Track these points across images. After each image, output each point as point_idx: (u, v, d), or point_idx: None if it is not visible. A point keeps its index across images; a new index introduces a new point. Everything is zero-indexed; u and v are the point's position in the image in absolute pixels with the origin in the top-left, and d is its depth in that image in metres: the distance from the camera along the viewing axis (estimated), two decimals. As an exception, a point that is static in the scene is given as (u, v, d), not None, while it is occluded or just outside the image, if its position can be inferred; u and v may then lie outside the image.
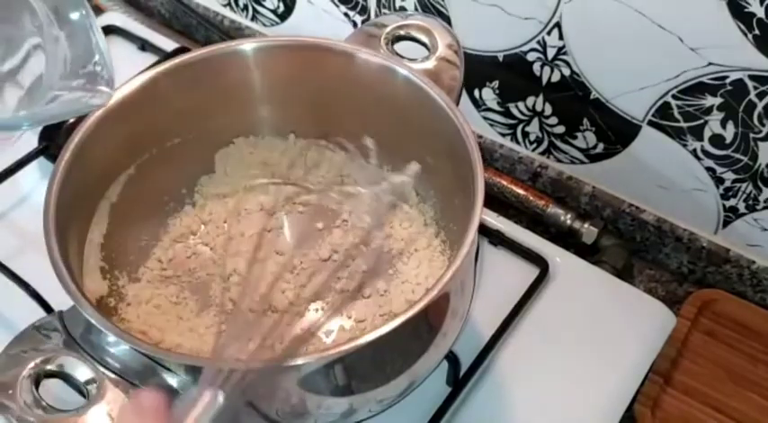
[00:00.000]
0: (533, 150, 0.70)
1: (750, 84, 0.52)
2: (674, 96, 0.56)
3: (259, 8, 0.81)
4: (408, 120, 0.51)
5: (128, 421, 0.33)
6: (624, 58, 0.57)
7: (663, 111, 0.58)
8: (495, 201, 0.69)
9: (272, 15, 0.81)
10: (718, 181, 0.59)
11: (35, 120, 0.41)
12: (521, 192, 0.68)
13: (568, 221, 0.66)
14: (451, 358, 0.51)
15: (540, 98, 0.65)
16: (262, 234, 0.57)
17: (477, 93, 0.69)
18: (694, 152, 0.59)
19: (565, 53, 0.60)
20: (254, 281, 0.53)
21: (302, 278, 0.54)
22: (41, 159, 0.65)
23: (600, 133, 0.64)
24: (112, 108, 0.47)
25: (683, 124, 0.58)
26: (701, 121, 0.56)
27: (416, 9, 0.67)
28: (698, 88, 0.55)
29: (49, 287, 0.48)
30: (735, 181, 0.58)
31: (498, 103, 0.68)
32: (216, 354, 0.38)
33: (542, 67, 0.62)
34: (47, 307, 0.53)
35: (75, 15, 0.42)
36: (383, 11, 0.70)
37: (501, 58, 0.64)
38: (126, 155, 0.51)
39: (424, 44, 0.52)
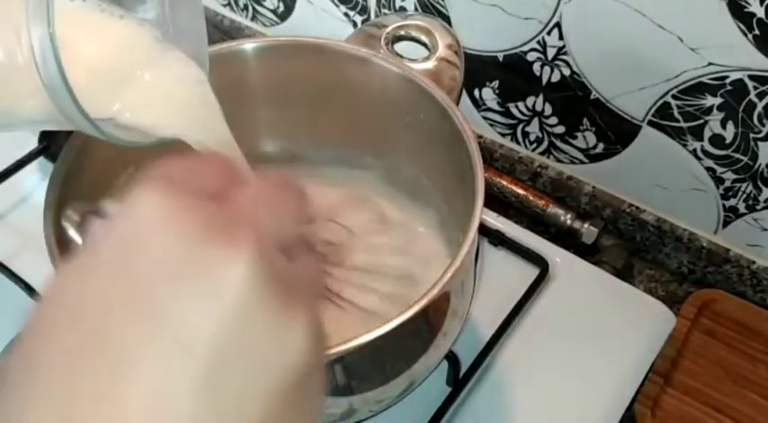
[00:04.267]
0: (533, 150, 0.70)
1: (750, 84, 0.52)
2: (673, 96, 0.56)
3: (259, 8, 0.81)
4: (408, 120, 0.51)
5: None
6: (624, 59, 0.57)
7: (663, 111, 0.58)
8: (495, 201, 0.69)
9: (272, 15, 0.81)
10: (718, 181, 0.59)
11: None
12: (521, 192, 0.68)
13: (568, 221, 0.66)
14: (451, 358, 0.51)
15: (540, 98, 0.65)
16: None
17: (477, 93, 0.69)
18: (694, 152, 0.59)
19: (565, 53, 0.60)
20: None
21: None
22: (41, 159, 0.65)
23: (600, 133, 0.64)
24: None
25: (683, 124, 0.58)
26: (701, 121, 0.56)
27: (416, 9, 0.67)
28: (698, 88, 0.55)
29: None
30: (735, 181, 0.58)
31: (498, 103, 0.68)
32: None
33: (542, 67, 0.62)
34: (47, 307, 0.53)
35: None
36: (383, 11, 0.70)
37: (501, 58, 0.64)
38: (127, 154, 0.51)
39: (424, 44, 0.52)
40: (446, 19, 0.65)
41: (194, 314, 0.19)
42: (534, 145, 0.69)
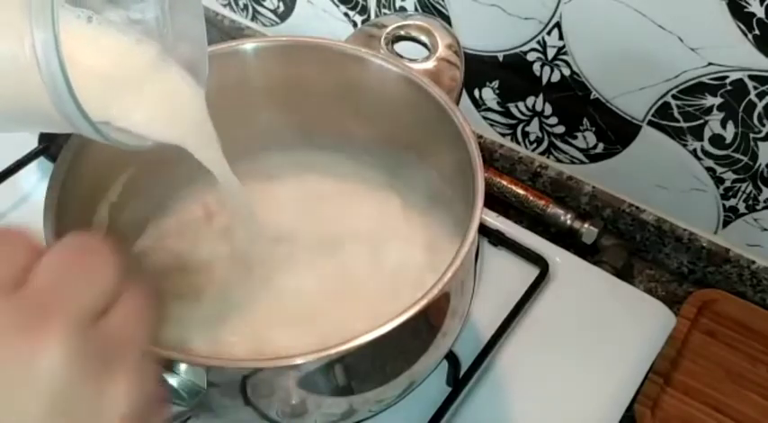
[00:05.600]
0: (533, 150, 0.70)
1: (750, 84, 0.52)
2: (673, 96, 0.56)
3: (259, 8, 0.81)
4: (408, 120, 0.51)
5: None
6: (624, 59, 0.57)
7: (663, 111, 0.58)
8: (496, 201, 0.69)
9: (272, 15, 0.81)
10: (718, 181, 0.59)
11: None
12: (521, 192, 0.68)
13: (568, 221, 0.66)
14: (451, 358, 0.51)
15: (540, 98, 0.65)
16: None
17: (477, 93, 0.69)
18: (694, 152, 0.59)
19: (565, 53, 0.60)
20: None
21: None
22: (41, 159, 0.65)
23: (600, 133, 0.64)
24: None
25: (683, 124, 0.58)
26: (701, 121, 0.56)
27: (416, 9, 0.67)
28: (698, 88, 0.55)
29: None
30: (735, 181, 0.58)
31: (498, 103, 0.68)
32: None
33: (542, 67, 0.62)
34: (47, 307, 0.53)
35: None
36: (383, 11, 0.70)
37: (501, 58, 0.64)
38: (126, 154, 0.51)
39: (424, 44, 0.52)
40: (446, 19, 0.65)
41: (19, 403, 0.21)
42: (534, 145, 0.69)
